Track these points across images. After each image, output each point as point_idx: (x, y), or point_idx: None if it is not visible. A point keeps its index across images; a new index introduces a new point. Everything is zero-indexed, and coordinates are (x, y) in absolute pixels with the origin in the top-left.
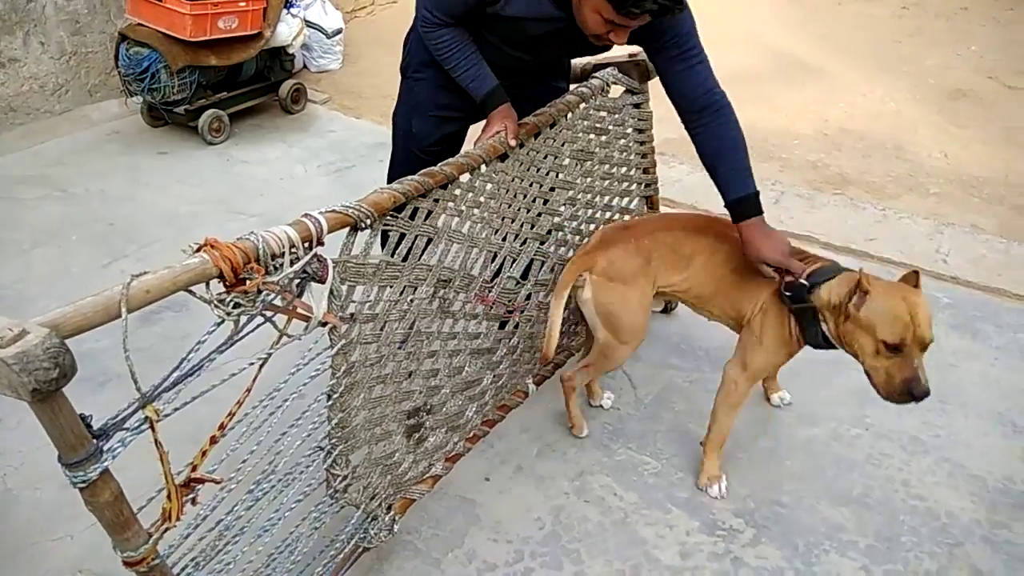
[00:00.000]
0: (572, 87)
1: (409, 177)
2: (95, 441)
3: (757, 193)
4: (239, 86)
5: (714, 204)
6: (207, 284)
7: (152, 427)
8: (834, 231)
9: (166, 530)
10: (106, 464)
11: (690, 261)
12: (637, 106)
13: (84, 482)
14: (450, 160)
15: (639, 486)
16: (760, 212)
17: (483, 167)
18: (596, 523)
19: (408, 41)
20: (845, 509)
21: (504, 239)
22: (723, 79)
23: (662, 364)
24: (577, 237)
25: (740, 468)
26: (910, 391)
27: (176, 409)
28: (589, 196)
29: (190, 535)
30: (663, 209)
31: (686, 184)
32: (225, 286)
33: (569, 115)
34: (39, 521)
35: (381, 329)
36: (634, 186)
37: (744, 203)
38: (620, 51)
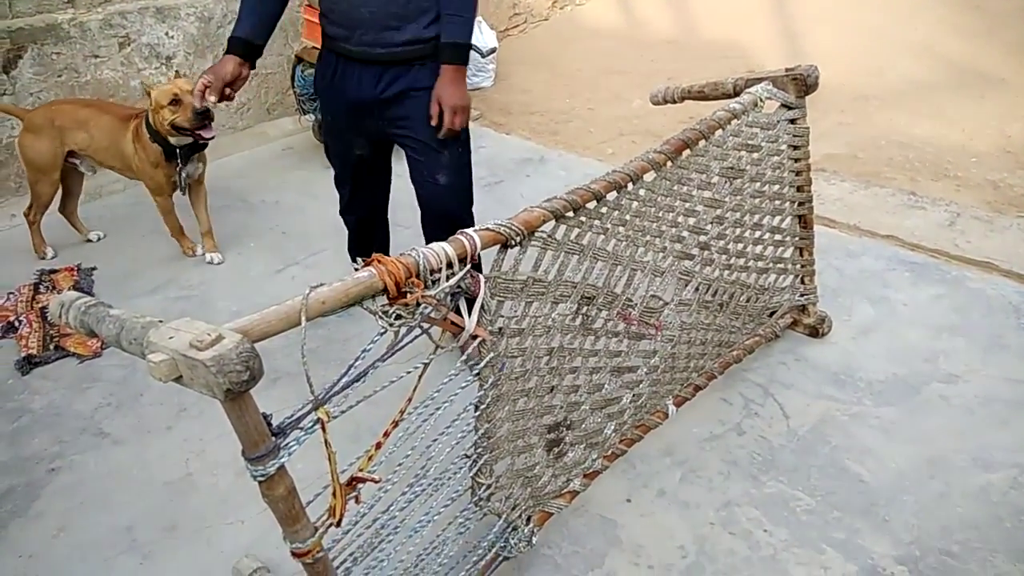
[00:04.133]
0: (724, 103)
1: (558, 196)
2: (274, 439)
3: (466, 45)
4: None
5: (877, 225)
6: (373, 296)
7: (323, 428)
8: (1018, 257)
9: (330, 526)
10: (283, 460)
11: (85, 125)
12: (793, 122)
13: (263, 476)
14: (598, 178)
15: (791, 522)
16: (461, 62)
17: (630, 185)
18: (743, 557)
19: None
20: None
21: (648, 257)
22: (893, 91)
23: (818, 395)
24: (724, 256)
25: (906, 512)
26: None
27: (343, 411)
28: (738, 215)
29: (350, 531)
30: (820, 229)
31: (848, 203)
32: (388, 298)
33: (719, 132)
34: (215, 505)
35: (526, 343)
36: (787, 204)
37: (448, 49)
38: (776, 65)
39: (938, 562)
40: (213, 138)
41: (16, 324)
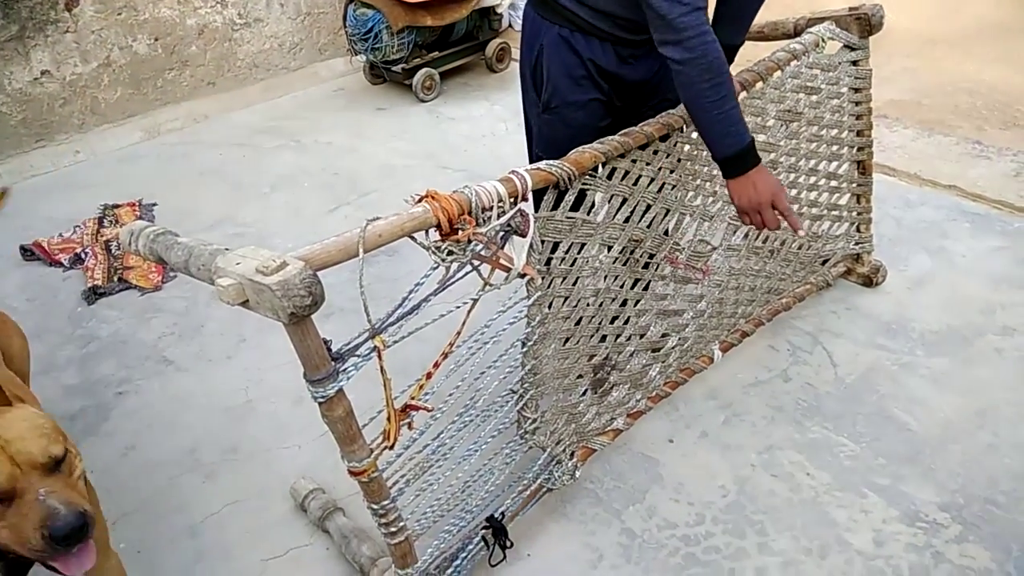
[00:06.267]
0: (784, 43)
1: (610, 137)
2: (333, 363)
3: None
4: (450, 46)
5: (939, 174)
6: (426, 232)
7: (379, 355)
8: None
9: (385, 448)
10: (342, 384)
11: None
12: (855, 63)
13: (324, 398)
14: (650, 121)
15: (833, 467)
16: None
17: (684, 128)
18: (784, 498)
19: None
20: None
21: (698, 202)
22: (963, 35)
23: (869, 344)
24: None
25: (951, 461)
26: (51, 535)
27: (396, 342)
28: (793, 159)
29: (402, 455)
30: (879, 177)
31: (909, 150)
32: (441, 235)
33: (777, 73)
34: (273, 431)
35: (574, 284)
36: (845, 149)
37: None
38: (840, 4)
39: (982, 510)
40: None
41: (83, 256)
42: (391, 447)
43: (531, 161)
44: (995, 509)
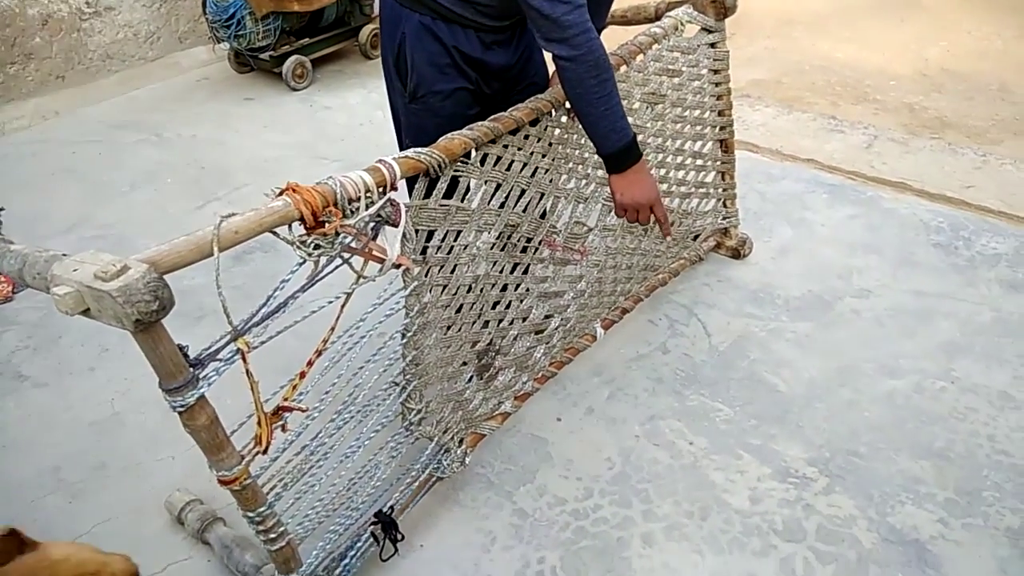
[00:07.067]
0: (644, 27)
1: (479, 123)
2: (191, 369)
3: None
4: (320, 32)
5: (798, 149)
6: (290, 226)
7: (243, 358)
8: (929, 177)
9: (257, 454)
10: (202, 391)
11: None
12: (713, 45)
13: (183, 407)
14: (519, 105)
15: (710, 432)
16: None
17: (553, 112)
18: (666, 466)
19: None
20: (925, 462)
21: (571, 184)
22: (818, 15)
23: (738, 313)
24: None
25: (817, 418)
26: None
27: (263, 342)
28: (660, 140)
29: (278, 458)
30: (743, 154)
31: (771, 127)
32: (306, 228)
33: (639, 57)
34: (144, 443)
35: (452, 271)
36: (708, 129)
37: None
38: None
39: (846, 462)
40: None
41: None
42: (264, 452)
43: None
44: (857, 460)
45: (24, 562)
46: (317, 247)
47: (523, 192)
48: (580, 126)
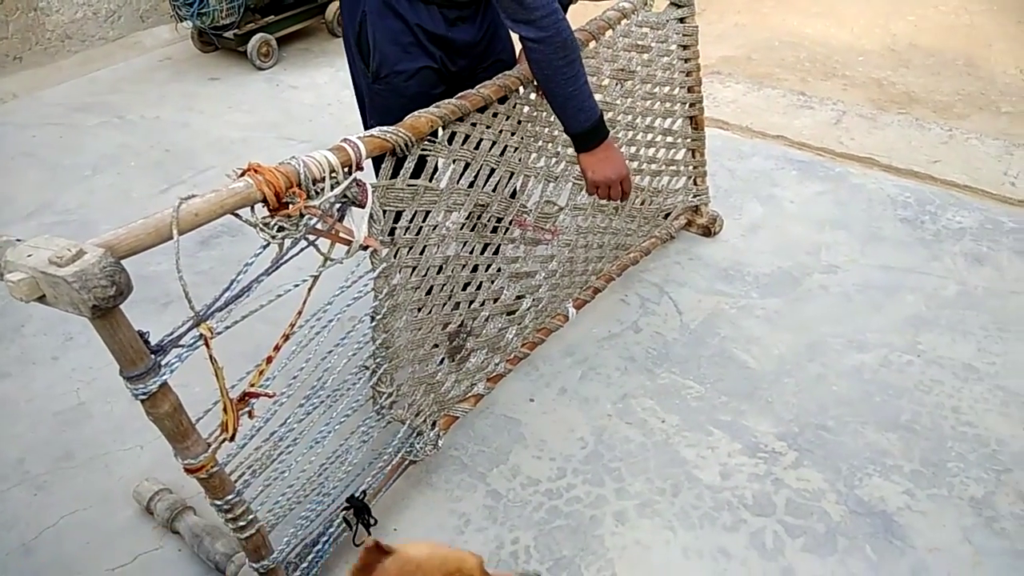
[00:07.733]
0: (613, 2)
1: (446, 101)
2: (153, 356)
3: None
4: (286, 9)
5: (768, 125)
6: (252, 208)
7: (206, 344)
8: (896, 152)
9: (223, 441)
10: (164, 378)
11: None
12: (682, 20)
13: (144, 394)
14: (487, 83)
15: (681, 409)
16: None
17: (521, 89)
18: (638, 444)
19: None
20: (892, 434)
21: (541, 163)
22: None
23: (709, 291)
24: None
25: (786, 393)
26: None
27: (227, 327)
28: (630, 117)
29: (246, 445)
30: (714, 131)
31: (741, 104)
32: (269, 210)
33: (608, 33)
34: (110, 432)
35: (421, 252)
36: (678, 106)
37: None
38: None
39: (814, 436)
40: None
41: None
42: (231, 439)
43: None
44: (825, 434)
45: (387, 568)
46: (281, 229)
47: (492, 171)
48: (546, 102)
